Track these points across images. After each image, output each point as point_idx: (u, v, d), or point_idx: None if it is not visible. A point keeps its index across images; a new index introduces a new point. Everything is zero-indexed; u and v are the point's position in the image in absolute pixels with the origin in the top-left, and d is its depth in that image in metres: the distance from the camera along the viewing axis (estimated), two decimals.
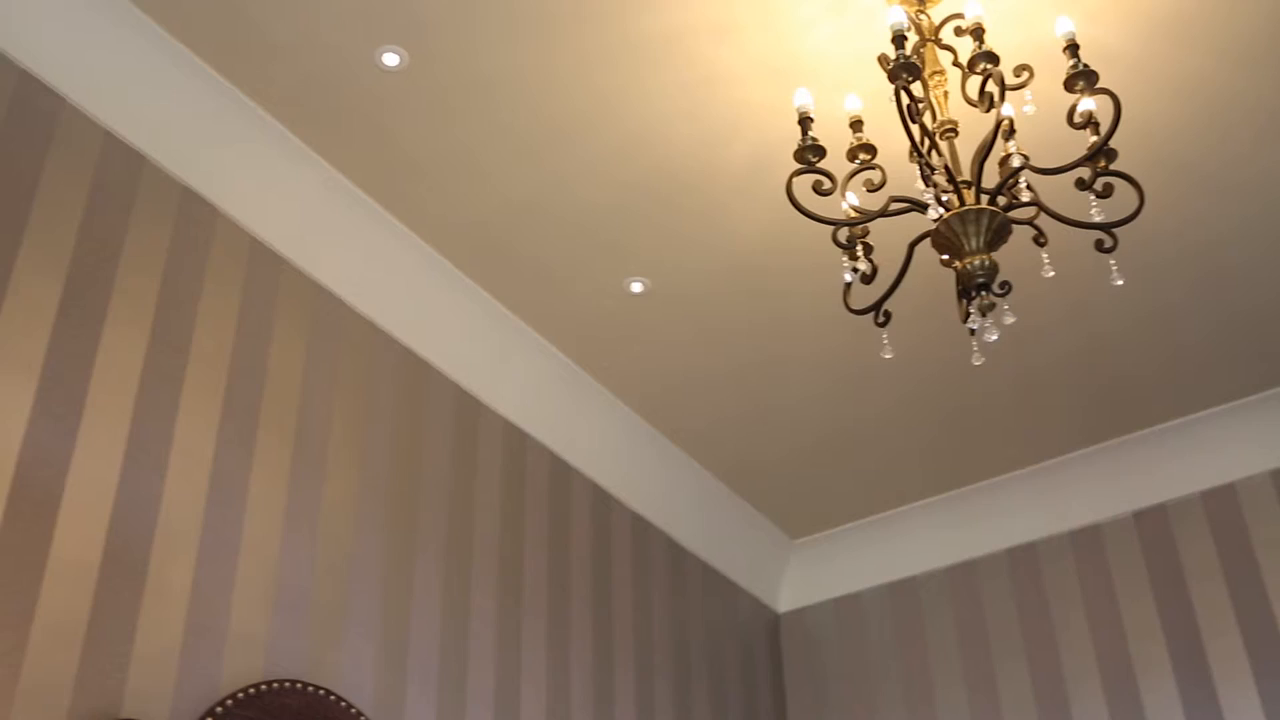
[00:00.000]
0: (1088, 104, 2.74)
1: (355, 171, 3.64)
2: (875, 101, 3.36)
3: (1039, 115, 3.48)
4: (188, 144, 3.36)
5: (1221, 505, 4.77)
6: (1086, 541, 4.99)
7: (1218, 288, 4.18)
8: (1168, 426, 4.85)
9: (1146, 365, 4.53)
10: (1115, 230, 3.27)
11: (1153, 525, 4.87)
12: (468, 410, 4.11)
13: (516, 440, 4.28)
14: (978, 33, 2.72)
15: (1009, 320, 2.70)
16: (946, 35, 3.02)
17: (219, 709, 2.93)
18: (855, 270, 2.83)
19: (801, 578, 5.55)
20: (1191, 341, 4.42)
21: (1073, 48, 2.69)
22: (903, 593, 5.32)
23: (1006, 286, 2.77)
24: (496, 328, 4.14)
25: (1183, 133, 3.61)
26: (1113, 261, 2.76)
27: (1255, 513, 4.69)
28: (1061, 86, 3.29)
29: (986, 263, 2.65)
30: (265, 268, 3.53)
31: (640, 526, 4.81)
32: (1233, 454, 4.80)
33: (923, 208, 2.73)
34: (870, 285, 3.50)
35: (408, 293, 3.90)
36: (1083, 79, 2.65)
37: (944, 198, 2.71)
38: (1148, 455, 4.91)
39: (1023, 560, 5.10)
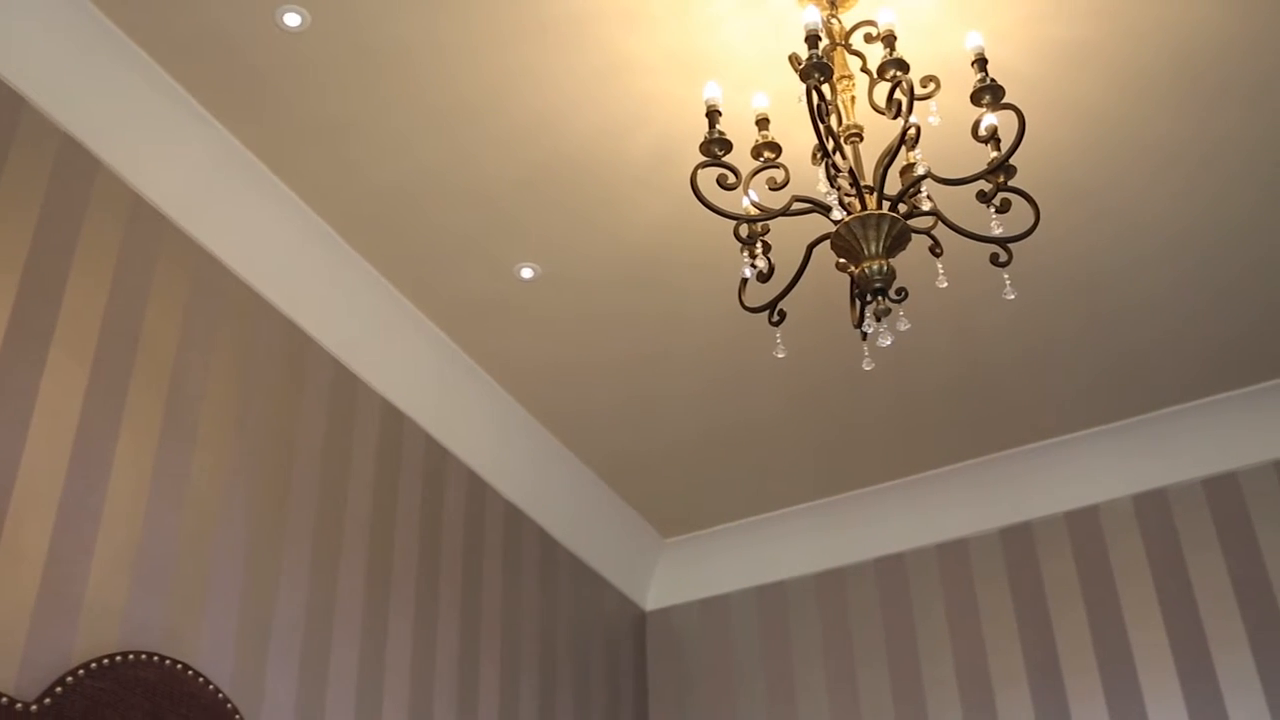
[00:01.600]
0: (991, 119, 2.77)
1: (247, 133, 3.53)
2: (779, 103, 3.36)
3: (938, 130, 3.52)
4: (72, 90, 3.22)
5: (1084, 526, 4.89)
6: (953, 555, 5.07)
7: (1097, 315, 4.29)
8: (1037, 447, 4.96)
9: (1022, 389, 4.63)
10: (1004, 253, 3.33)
11: (1017, 542, 4.97)
12: (346, 387, 4.02)
13: (394, 421, 4.20)
14: (889, 39, 2.74)
15: (903, 326, 2.72)
16: (856, 41, 3.04)
17: (70, 679, 2.81)
18: (754, 267, 2.82)
19: (670, 577, 5.55)
20: (1067, 367, 4.53)
21: (981, 62, 2.71)
22: (770, 596, 5.35)
23: (903, 293, 2.79)
24: (381, 305, 4.06)
25: (1080, 160, 3.69)
26: (1006, 276, 2.79)
27: (1115, 535, 4.81)
28: (962, 103, 3.37)
29: (885, 268, 2.66)
30: (146, 225, 3.40)
31: (514, 516, 4.75)
32: (1096, 477, 4.92)
33: (825, 209, 2.73)
34: (764, 285, 3.53)
35: (293, 263, 3.80)
36: (989, 93, 2.67)
37: (846, 201, 2.72)
38: (1016, 474, 5.01)
39: (890, 570, 5.17)
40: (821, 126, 2.60)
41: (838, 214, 2.64)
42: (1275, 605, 4.47)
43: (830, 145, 2.68)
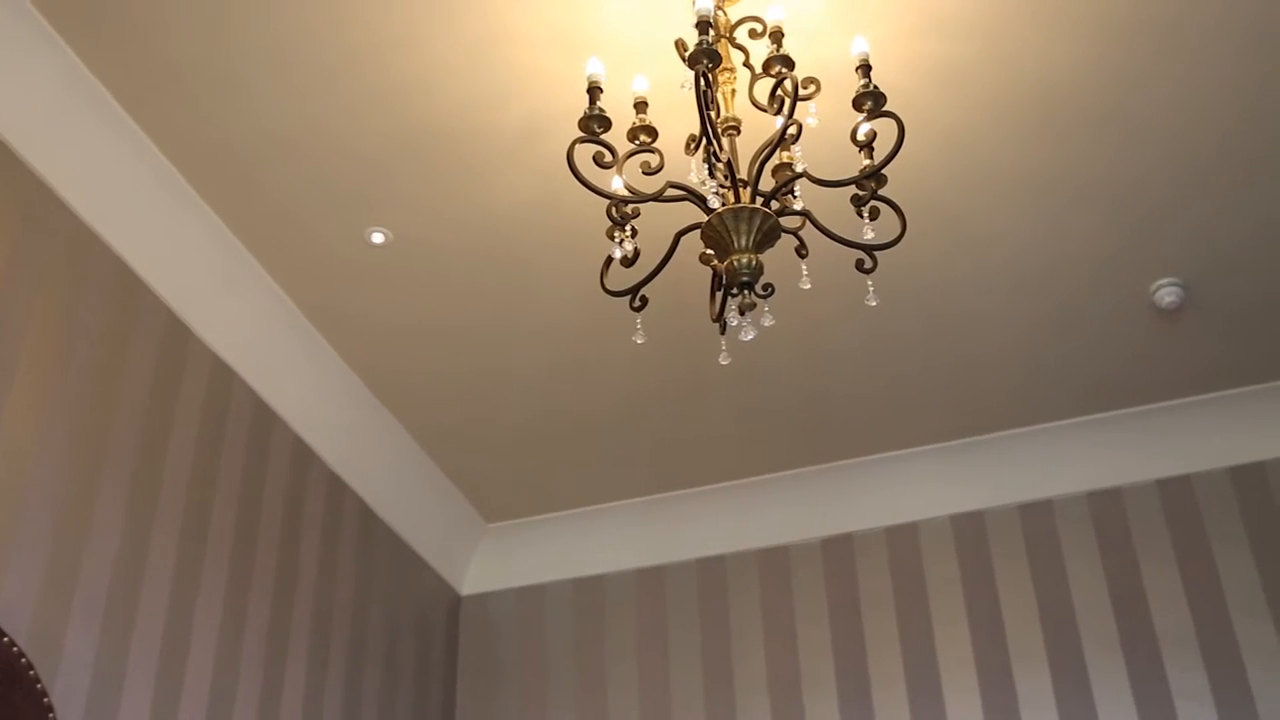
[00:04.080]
0: (869, 126, 2.78)
1: (99, 63, 3.33)
2: (654, 92, 3.33)
3: (806, 136, 3.54)
4: None
5: (902, 541, 4.99)
6: (773, 560, 5.12)
7: (947, 345, 4.40)
8: (864, 461, 5.04)
9: (858, 409, 4.72)
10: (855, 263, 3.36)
11: (837, 552, 5.05)
12: (176, 337, 3.84)
13: (223, 378, 4.04)
14: (777, 35, 2.73)
15: (768, 322, 2.72)
16: (740, 36, 3.03)
17: None
18: (622, 248, 2.79)
19: (489, 562, 5.47)
20: (906, 391, 4.63)
21: (865, 68, 2.73)
22: (588, 590, 5.32)
23: (769, 289, 2.79)
24: (222, 257, 3.89)
25: (949, 185, 3.75)
26: (870, 283, 2.82)
27: (932, 551, 4.93)
28: (833, 112, 3.40)
29: (753, 262, 2.66)
30: None
31: (337, 487, 4.62)
32: (919, 496, 5.03)
33: (699, 198, 2.71)
34: (623, 272, 3.49)
35: (134, 204, 3.61)
36: (871, 100, 2.69)
37: (720, 192, 2.71)
38: (842, 487, 5.09)
39: (710, 571, 5.19)
40: (709, 114, 2.58)
41: (715, 203, 2.62)
42: (1075, 627, 4.64)
43: (711, 135, 2.66)
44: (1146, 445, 4.82)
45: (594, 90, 2.76)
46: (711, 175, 2.64)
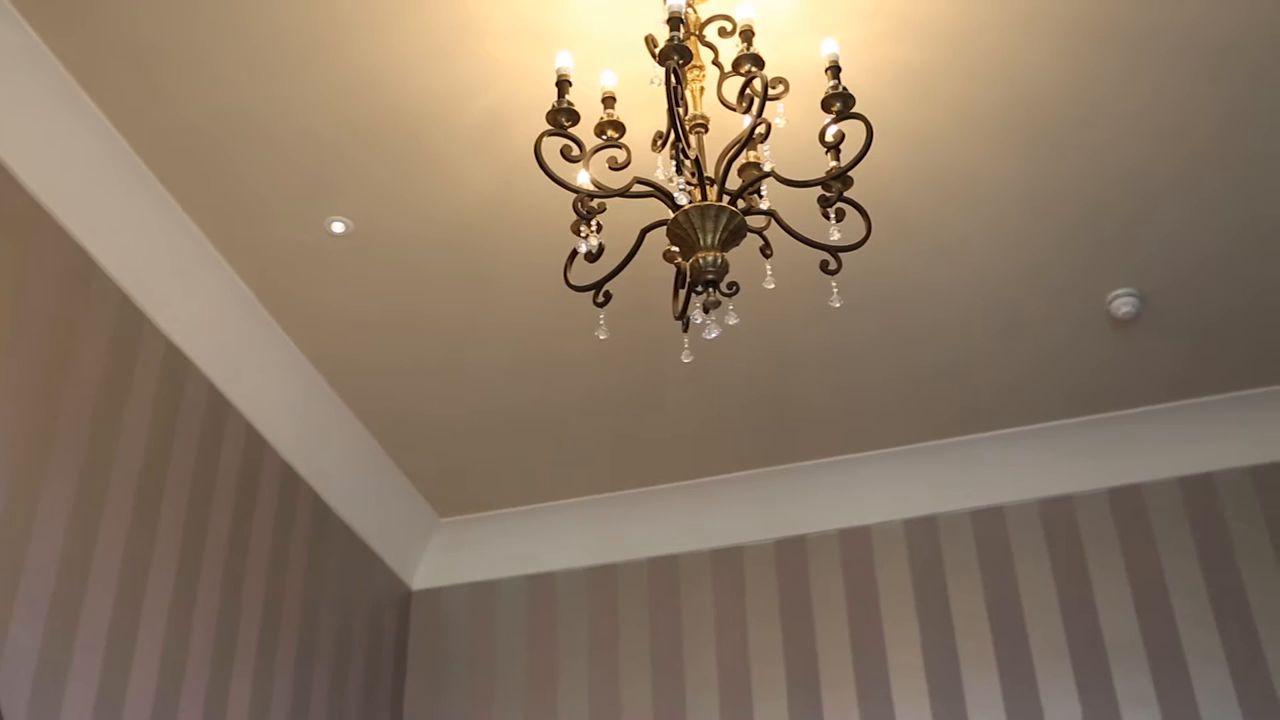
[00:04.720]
0: (837, 128, 2.78)
1: (56, 39, 3.27)
2: (622, 87, 3.31)
3: (776, 136, 3.53)
4: None
5: (855, 543, 5.00)
6: (726, 560, 5.12)
7: (908, 354, 4.42)
8: (820, 464, 5.05)
9: (818, 412, 4.73)
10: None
11: (790, 554, 5.06)
12: (130, 323, 3.79)
13: (178, 366, 3.98)
14: (747, 34, 2.73)
15: (732, 321, 2.71)
16: (710, 34, 3.03)
17: None
18: (587, 243, 2.77)
19: (442, 557, 5.44)
20: (866, 396, 4.65)
21: (835, 69, 2.74)
22: (541, 587, 5.30)
23: (734, 287, 2.78)
24: (179, 242, 3.84)
25: (913, 192, 3.77)
26: (834, 284, 2.82)
27: (884, 554, 4.95)
28: (799, 114, 3.41)
29: (719, 260, 2.65)
30: None
31: (290, 479, 4.58)
32: (871, 498, 5.05)
33: (666, 195, 2.71)
34: (586, 267, 3.47)
35: (87, 183, 3.55)
36: (840, 101, 2.69)
37: (687, 189, 2.70)
38: (797, 488, 5.10)
39: (663, 571, 5.18)
40: (677, 110, 2.58)
41: (682, 200, 2.62)
42: (1024, 631, 4.67)
43: (680, 131, 2.65)
44: (1098, 454, 4.86)
45: (562, 84, 2.75)
46: (679, 172, 2.63)
